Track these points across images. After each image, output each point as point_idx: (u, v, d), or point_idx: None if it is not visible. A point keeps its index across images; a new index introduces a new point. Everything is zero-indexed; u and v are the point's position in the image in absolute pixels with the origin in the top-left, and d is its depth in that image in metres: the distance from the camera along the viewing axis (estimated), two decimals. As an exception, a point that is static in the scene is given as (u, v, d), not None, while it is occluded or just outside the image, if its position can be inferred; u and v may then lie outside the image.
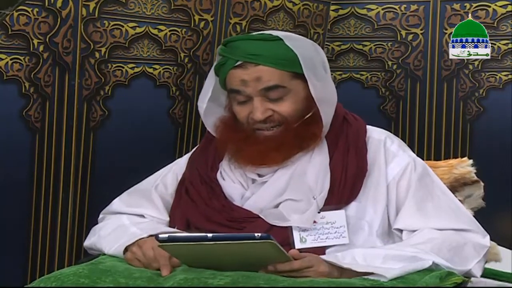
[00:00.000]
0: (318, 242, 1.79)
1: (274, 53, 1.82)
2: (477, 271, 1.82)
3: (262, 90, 1.82)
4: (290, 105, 1.83)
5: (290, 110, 1.83)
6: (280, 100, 1.83)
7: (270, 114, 1.83)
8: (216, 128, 1.93)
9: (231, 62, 1.83)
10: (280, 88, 1.82)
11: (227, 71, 1.84)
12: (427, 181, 1.90)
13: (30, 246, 2.41)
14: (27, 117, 2.33)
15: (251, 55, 1.81)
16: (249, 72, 1.81)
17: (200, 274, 1.60)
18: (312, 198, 1.81)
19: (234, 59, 1.83)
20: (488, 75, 2.88)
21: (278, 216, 1.80)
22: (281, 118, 1.83)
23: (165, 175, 2.02)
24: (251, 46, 1.83)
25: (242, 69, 1.82)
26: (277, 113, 1.83)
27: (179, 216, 1.89)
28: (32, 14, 2.27)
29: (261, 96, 1.82)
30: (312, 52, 1.88)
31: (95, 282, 1.61)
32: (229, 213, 1.84)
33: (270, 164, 1.85)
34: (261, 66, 1.81)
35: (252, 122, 1.84)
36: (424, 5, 2.92)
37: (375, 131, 1.96)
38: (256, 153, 1.84)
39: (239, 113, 1.86)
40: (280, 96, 1.82)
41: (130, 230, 1.85)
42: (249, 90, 1.82)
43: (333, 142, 1.88)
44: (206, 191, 1.89)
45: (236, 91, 1.84)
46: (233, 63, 1.83)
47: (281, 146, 1.83)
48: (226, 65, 1.84)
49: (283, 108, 1.83)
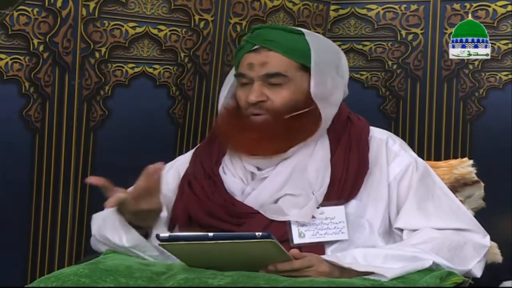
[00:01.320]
0: (317, 237, 1.79)
1: (289, 43, 1.88)
2: (477, 271, 1.83)
3: (264, 75, 1.86)
4: (286, 94, 1.86)
5: (285, 100, 1.85)
6: (278, 86, 1.86)
7: (264, 99, 1.86)
8: (220, 114, 1.96)
9: (249, 46, 1.90)
10: (281, 76, 1.86)
11: (242, 54, 1.90)
12: (428, 181, 1.90)
13: (30, 246, 2.41)
14: (27, 117, 2.33)
15: (268, 40, 1.88)
16: (259, 56, 1.87)
17: (200, 274, 1.60)
18: (311, 193, 1.81)
19: (252, 43, 1.89)
20: (488, 75, 2.88)
21: (277, 210, 1.81)
22: (271, 107, 1.85)
23: (167, 171, 2.02)
24: (271, 33, 1.90)
25: (255, 53, 1.88)
26: (270, 100, 1.86)
27: (181, 210, 1.89)
28: (32, 14, 2.27)
29: (262, 81, 1.86)
30: (329, 52, 1.92)
31: (96, 281, 1.60)
32: (230, 208, 1.84)
33: (263, 153, 1.86)
34: (272, 52, 1.87)
35: (246, 106, 1.87)
36: (424, 5, 2.92)
37: (377, 131, 1.97)
38: (248, 140, 1.86)
39: (239, 97, 1.90)
40: (280, 83, 1.86)
41: None
42: (253, 74, 1.87)
43: (336, 139, 1.89)
44: (209, 185, 1.90)
45: (241, 74, 1.89)
46: (250, 47, 1.89)
47: (273, 136, 1.84)
48: (244, 49, 1.91)
49: (279, 96, 1.86)
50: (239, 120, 1.89)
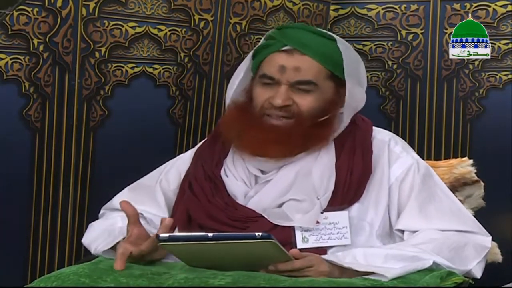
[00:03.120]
0: (320, 242, 1.79)
1: (323, 49, 1.84)
2: (477, 272, 1.83)
3: (295, 82, 1.82)
4: (312, 101, 1.83)
5: (310, 107, 1.83)
6: (305, 93, 1.83)
7: (290, 103, 1.83)
8: (228, 108, 1.92)
9: (278, 45, 1.84)
10: (312, 84, 1.83)
11: (269, 53, 1.85)
12: (430, 183, 1.90)
13: (30, 246, 2.41)
14: (27, 116, 2.33)
15: (302, 43, 1.83)
16: (292, 59, 1.82)
17: (201, 274, 1.60)
18: (315, 198, 1.81)
19: (282, 43, 1.84)
20: (488, 75, 2.88)
21: (281, 215, 1.79)
22: (297, 112, 1.83)
23: (168, 170, 2.01)
24: (306, 36, 1.86)
25: (287, 54, 1.83)
26: (296, 105, 1.83)
27: (181, 212, 1.88)
28: (32, 14, 2.27)
29: (290, 86, 1.83)
30: (358, 63, 1.91)
31: (96, 281, 1.61)
32: (232, 211, 1.83)
33: (269, 156, 1.84)
34: (306, 57, 1.83)
35: (268, 106, 1.84)
36: (424, 5, 2.92)
37: (380, 132, 1.96)
38: (256, 140, 1.84)
39: (259, 96, 1.86)
40: (308, 90, 1.83)
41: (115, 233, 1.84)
42: (284, 77, 1.82)
43: (340, 143, 1.88)
44: (210, 187, 1.88)
45: (269, 77, 1.84)
46: (280, 46, 1.84)
47: (284, 140, 1.82)
48: (270, 47, 1.85)
49: (304, 102, 1.83)
50: (250, 117, 1.86)
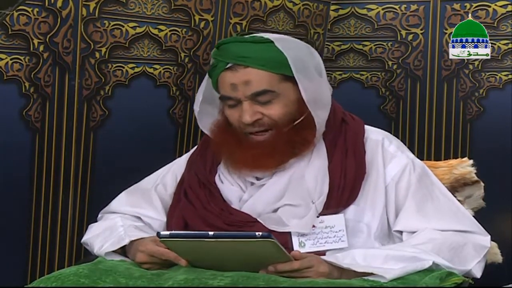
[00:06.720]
0: (317, 246, 1.78)
1: (263, 55, 1.80)
2: (477, 272, 1.82)
3: (251, 95, 1.80)
4: (279, 109, 1.81)
5: (280, 114, 1.81)
6: (269, 103, 1.81)
7: (259, 117, 1.82)
8: (211, 132, 1.92)
9: (222, 64, 1.82)
10: (269, 93, 1.80)
11: (218, 73, 1.83)
12: (426, 182, 1.90)
13: (30, 246, 2.41)
14: (27, 117, 2.33)
15: (240, 57, 1.80)
16: (238, 75, 1.80)
17: (200, 275, 1.60)
18: (311, 202, 1.80)
19: (224, 62, 1.82)
20: (488, 75, 2.88)
21: (277, 221, 1.79)
22: (270, 122, 1.82)
23: (164, 175, 2.02)
24: (240, 48, 1.82)
25: (231, 72, 1.81)
26: (266, 116, 1.81)
27: (177, 218, 1.88)
28: (32, 14, 2.27)
29: (250, 99, 1.81)
30: (304, 55, 1.86)
31: (95, 282, 1.61)
32: (228, 216, 1.83)
33: (263, 169, 1.84)
34: (250, 69, 1.80)
35: (243, 126, 1.83)
36: (424, 5, 2.92)
37: (373, 131, 1.94)
38: (249, 156, 1.83)
39: (230, 117, 1.85)
40: (269, 99, 1.81)
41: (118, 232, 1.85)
42: (239, 94, 1.81)
43: (332, 145, 1.87)
44: (205, 194, 1.88)
45: (227, 97, 1.83)
46: (224, 66, 1.82)
47: (274, 151, 1.82)
48: (217, 68, 1.84)
49: (272, 111, 1.81)
50: (234, 137, 1.85)
